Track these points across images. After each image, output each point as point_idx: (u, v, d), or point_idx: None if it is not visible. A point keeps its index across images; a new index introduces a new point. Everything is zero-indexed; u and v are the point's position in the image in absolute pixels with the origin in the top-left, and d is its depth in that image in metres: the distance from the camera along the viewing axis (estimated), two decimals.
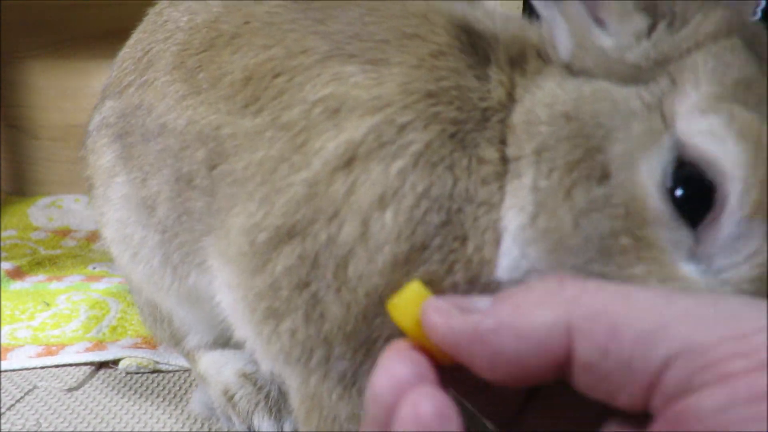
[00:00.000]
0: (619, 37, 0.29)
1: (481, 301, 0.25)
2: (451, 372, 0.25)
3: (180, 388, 0.60)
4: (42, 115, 1.25)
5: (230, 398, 0.52)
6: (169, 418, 0.55)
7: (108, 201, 0.50)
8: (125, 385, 0.61)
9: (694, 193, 0.25)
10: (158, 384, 0.61)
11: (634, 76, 0.28)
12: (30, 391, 0.59)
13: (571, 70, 0.31)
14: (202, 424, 0.54)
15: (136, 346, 0.66)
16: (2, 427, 0.52)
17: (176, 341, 0.57)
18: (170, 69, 0.44)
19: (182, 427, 0.53)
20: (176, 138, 0.42)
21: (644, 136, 0.26)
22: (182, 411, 0.56)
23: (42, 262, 0.97)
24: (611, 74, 0.29)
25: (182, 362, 0.63)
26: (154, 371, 0.63)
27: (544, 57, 0.33)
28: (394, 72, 0.32)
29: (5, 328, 0.71)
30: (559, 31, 0.31)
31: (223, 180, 0.38)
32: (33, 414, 0.55)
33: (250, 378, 0.53)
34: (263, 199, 0.34)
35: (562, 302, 0.22)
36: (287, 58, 0.36)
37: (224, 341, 0.53)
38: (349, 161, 0.31)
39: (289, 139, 0.34)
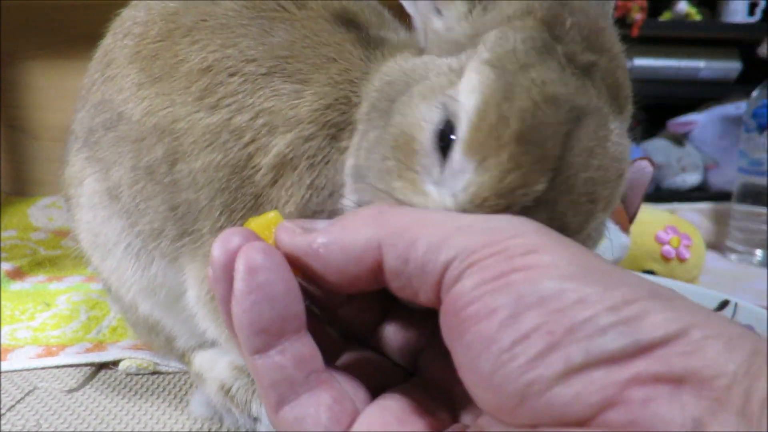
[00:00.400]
0: (448, 20, 0.35)
1: (321, 223, 0.30)
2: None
3: (180, 389, 0.61)
4: (42, 115, 1.25)
5: (227, 392, 0.52)
6: (169, 418, 0.55)
7: (79, 206, 0.52)
8: (125, 386, 0.61)
9: (446, 133, 0.31)
10: (158, 385, 0.61)
11: (455, 50, 0.34)
12: (30, 392, 0.59)
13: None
14: (202, 425, 0.54)
15: (136, 348, 0.66)
16: (2, 427, 0.52)
17: (169, 345, 0.58)
18: (127, 62, 0.46)
19: (182, 428, 0.53)
20: (133, 128, 0.44)
21: (431, 89, 0.33)
22: (182, 412, 0.56)
23: (42, 262, 0.97)
24: (442, 51, 0.35)
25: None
26: (154, 372, 0.63)
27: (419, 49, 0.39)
28: (310, 92, 0.39)
29: (5, 329, 0.71)
30: (416, 23, 0.38)
31: (183, 179, 0.42)
32: (33, 415, 0.55)
33: (243, 369, 0.53)
34: (224, 207, 0.41)
35: (376, 224, 0.27)
36: (241, 61, 0.40)
37: (212, 341, 0.54)
38: (278, 170, 0.39)
39: (240, 149, 0.40)
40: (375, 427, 0.27)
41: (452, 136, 0.30)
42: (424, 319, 0.34)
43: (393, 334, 0.35)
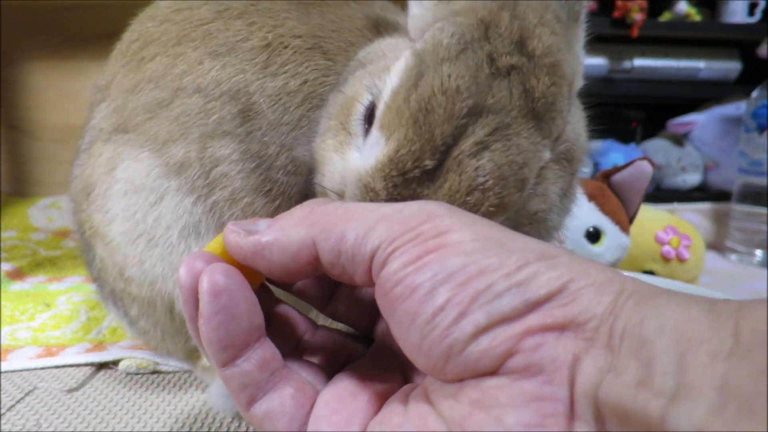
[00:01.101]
0: (421, 7, 0.39)
1: (262, 223, 0.32)
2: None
3: (180, 388, 0.61)
4: (42, 115, 1.25)
5: None
6: (168, 418, 0.55)
7: (110, 197, 0.49)
8: (125, 386, 0.61)
9: (372, 109, 0.36)
10: (158, 385, 0.61)
11: (420, 36, 0.37)
12: (30, 392, 0.59)
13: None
14: (202, 424, 0.54)
15: (136, 347, 0.66)
16: (2, 427, 0.52)
17: (188, 344, 0.55)
18: (174, 43, 0.49)
19: (182, 427, 0.53)
20: (196, 100, 0.47)
21: (380, 69, 0.38)
22: (182, 411, 0.56)
23: (42, 263, 0.97)
24: (414, 35, 0.39)
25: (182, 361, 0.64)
26: (153, 372, 0.63)
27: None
28: (334, 70, 0.47)
29: (5, 329, 0.71)
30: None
31: (256, 132, 0.46)
32: (33, 415, 0.55)
33: None
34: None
35: (309, 223, 0.30)
36: (290, 37, 0.47)
37: None
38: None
39: (294, 108, 0.46)
40: (331, 404, 0.31)
41: (373, 105, 0.36)
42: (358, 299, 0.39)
43: (346, 305, 0.39)
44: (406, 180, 0.33)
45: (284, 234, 0.31)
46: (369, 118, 0.36)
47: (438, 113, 0.32)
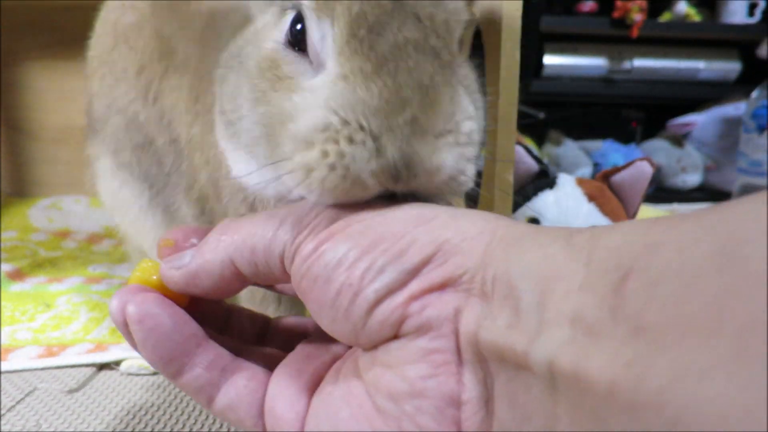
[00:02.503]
0: None
1: (187, 256, 0.35)
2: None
3: (180, 389, 0.60)
4: (42, 116, 1.25)
5: None
6: (169, 418, 0.55)
7: (97, 176, 0.69)
8: (126, 386, 0.61)
9: (300, 37, 0.36)
10: (158, 385, 0.61)
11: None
12: (30, 392, 0.59)
13: None
14: (202, 425, 0.54)
15: None
16: (2, 428, 0.52)
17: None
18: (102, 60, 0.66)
19: (182, 428, 0.53)
20: (120, 117, 0.62)
21: (276, 16, 0.39)
22: (182, 412, 0.56)
23: (42, 263, 0.97)
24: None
25: None
26: (154, 373, 0.63)
27: None
28: None
29: (5, 330, 0.71)
30: None
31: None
32: (33, 415, 0.55)
33: None
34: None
35: (224, 246, 0.33)
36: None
37: None
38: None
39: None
40: (281, 385, 0.33)
41: (299, 26, 0.36)
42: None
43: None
44: (378, 32, 0.32)
45: (205, 260, 0.34)
46: (299, 47, 0.36)
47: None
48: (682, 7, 1.80)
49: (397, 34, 0.32)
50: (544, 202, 0.88)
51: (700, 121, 1.67)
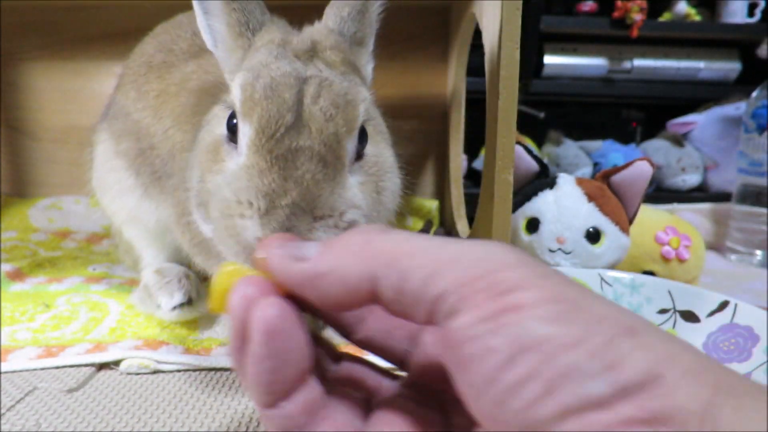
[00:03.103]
0: (232, 48, 0.56)
1: (311, 248, 0.31)
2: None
3: (180, 388, 0.61)
4: (42, 116, 1.25)
5: (146, 287, 0.77)
6: (168, 417, 0.55)
7: (92, 159, 0.82)
8: (125, 386, 0.61)
9: (234, 130, 0.46)
10: (158, 385, 0.61)
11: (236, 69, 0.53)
12: (30, 392, 0.59)
13: None
14: (202, 424, 0.54)
15: (136, 348, 0.66)
16: (2, 427, 0.52)
17: (135, 264, 0.85)
18: (132, 80, 0.80)
19: (182, 427, 0.53)
20: (133, 122, 0.75)
21: (224, 111, 0.49)
22: (182, 411, 0.56)
23: (42, 263, 0.97)
24: (234, 64, 0.54)
25: (183, 360, 0.64)
26: (154, 372, 0.63)
27: None
28: None
29: (5, 330, 0.71)
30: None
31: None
32: (33, 415, 0.55)
33: (159, 272, 0.78)
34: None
35: (369, 255, 0.29)
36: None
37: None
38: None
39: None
40: None
41: (234, 121, 0.45)
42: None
43: (380, 336, 0.38)
44: (278, 139, 0.41)
45: (341, 264, 0.29)
46: (233, 132, 0.46)
47: (281, 87, 0.44)
48: (682, 7, 1.80)
49: (292, 141, 0.41)
50: (544, 202, 0.88)
51: (700, 121, 1.67)
